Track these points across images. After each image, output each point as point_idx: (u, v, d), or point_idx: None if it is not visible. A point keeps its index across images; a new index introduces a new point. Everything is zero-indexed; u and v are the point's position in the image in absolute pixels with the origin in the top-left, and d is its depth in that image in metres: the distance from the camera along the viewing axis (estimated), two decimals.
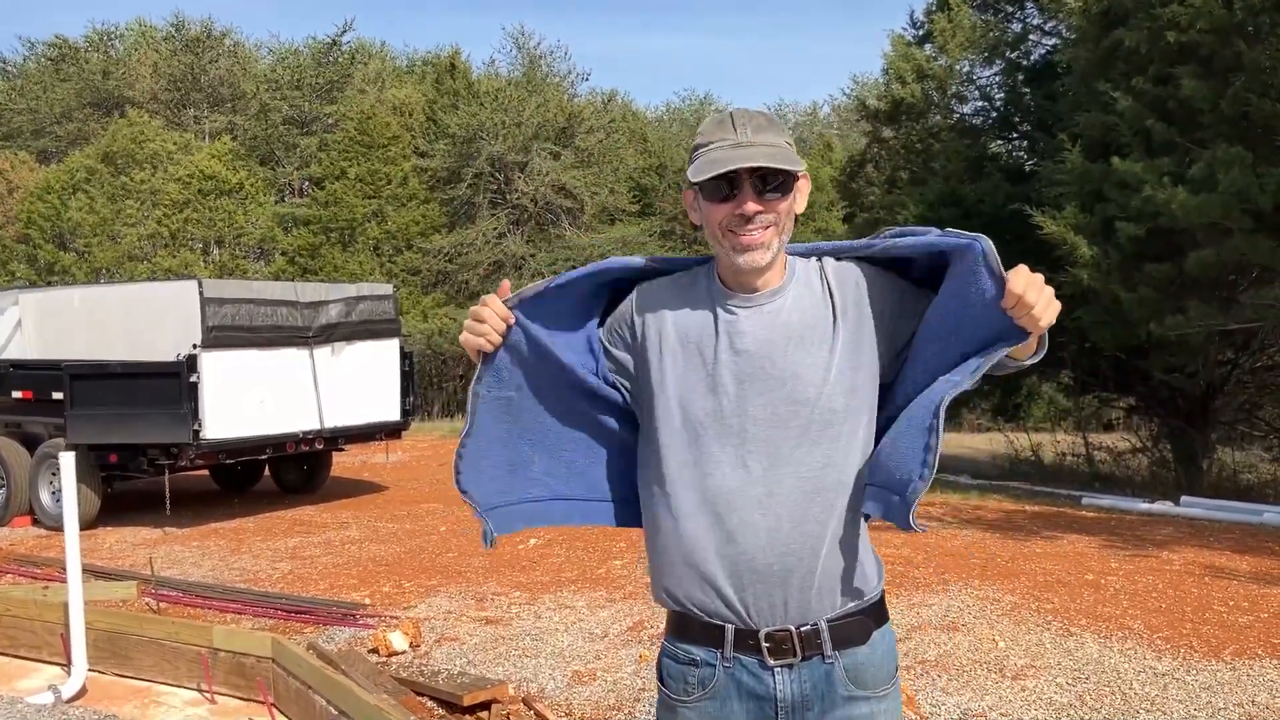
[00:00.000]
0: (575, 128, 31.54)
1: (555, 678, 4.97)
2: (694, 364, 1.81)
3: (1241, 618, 5.63)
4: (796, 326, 1.79)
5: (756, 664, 1.77)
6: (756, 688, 1.78)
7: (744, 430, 1.77)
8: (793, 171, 1.74)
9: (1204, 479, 12.30)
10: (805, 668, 1.77)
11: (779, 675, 1.77)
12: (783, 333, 1.78)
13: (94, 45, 40.88)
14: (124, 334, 9.62)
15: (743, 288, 1.82)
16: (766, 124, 1.77)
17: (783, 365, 1.77)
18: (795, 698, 1.78)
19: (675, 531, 1.81)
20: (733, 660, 1.78)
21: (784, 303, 1.81)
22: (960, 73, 16.38)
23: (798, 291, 1.82)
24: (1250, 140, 9.98)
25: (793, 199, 1.79)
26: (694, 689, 1.82)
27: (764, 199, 1.74)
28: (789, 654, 1.76)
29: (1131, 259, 10.85)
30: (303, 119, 36.22)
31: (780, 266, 1.83)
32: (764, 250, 1.76)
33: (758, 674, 1.78)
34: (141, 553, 8.43)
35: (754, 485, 1.76)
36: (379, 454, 14.32)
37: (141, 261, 29.09)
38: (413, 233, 29.38)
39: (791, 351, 1.77)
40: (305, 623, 6.10)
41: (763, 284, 1.81)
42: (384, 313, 10.75)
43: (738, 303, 1.81)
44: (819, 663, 1.77)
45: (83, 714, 4.76)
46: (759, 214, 1.74)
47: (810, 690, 1.78)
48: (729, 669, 1.79)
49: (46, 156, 37.29)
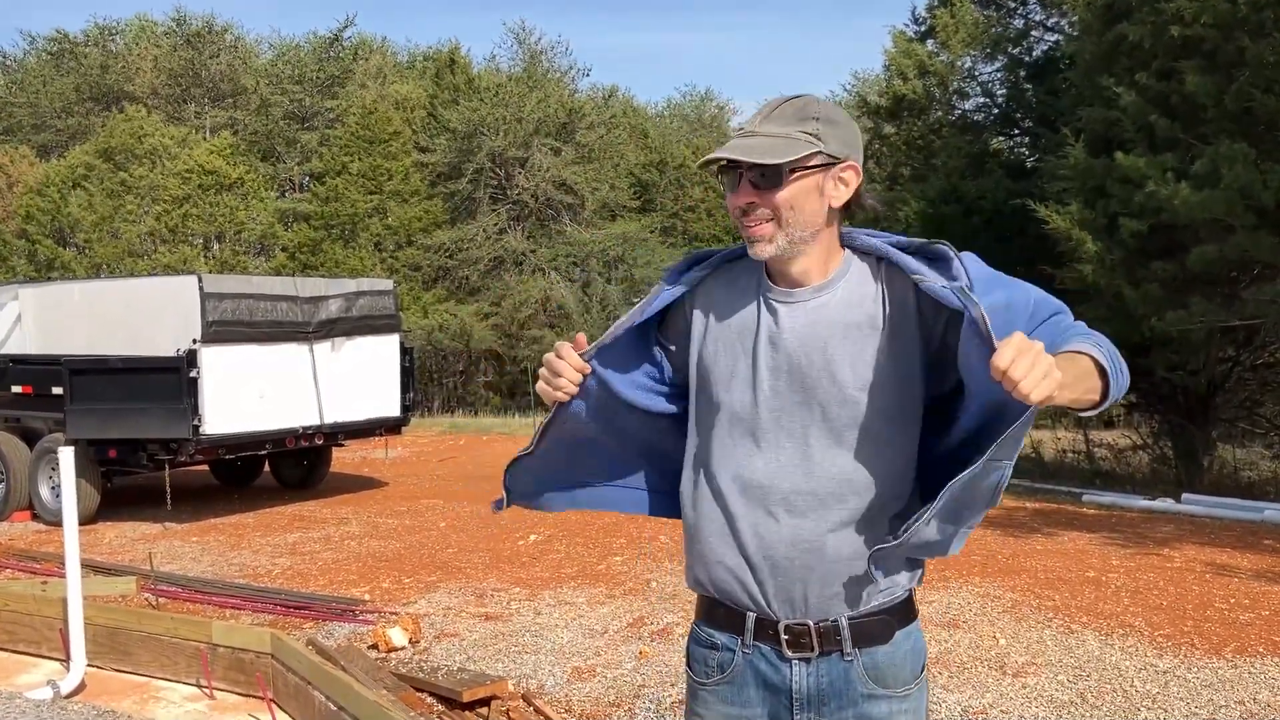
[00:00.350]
0: (576, 123, 31.50)
1: (555, 674, 4.96)
2: (735, 356, 1.80)
3: (1243, 615, 5.62)
4: (839, 325, 1.74)
5: (774, 654, 1.78)
6: (773, 677, 1.78)
7: (777, 425, 1.76)
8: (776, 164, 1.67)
9: (1205, 476, 12.29)
10: (824, 663, 1.76)
11: (796, 668, 1.77)
12: (824, 330, 1.74)
13: (94, 40, 40.81)
14: (124, 329, 9.60)
15: (785, 280, 1.78)
16: (788, 112, 1.72)
17: (820, 363, 1.74)
18: (811, 692, 1.77)
19: (706, 519, 1.82)
20: (752, 648, 1.79)
21: (830, 298, 1.76)
22: (962, 69, 16.36)
23: (848, 289, 1.77)
24: (1254, 136, 9.95)
25: (792, 191, 1.69)
26: (714, 672, 1.84)
27: (757, 190, 1.70)
28: (807, 648, 1.76)
29: (1135, 255, 10.83)
30: (303, 114, 36.17)
31: (821, 261, 1.76)
32: (765, 243, 1.71)
33: (775, 664, 1.78)
34: (141, 548, 8.42)
35: (783, 480, 1.74)
36: (379, 450, 14.32)
37: (142, 257, 29.06)
38: (414, 228, 29.35)
39: (831, 350, 1.74)
40: (305, 618, 6.09)
41: (803, 278, 1.76)
42: (384, 308, 10.74)
43: (779, 297, 1.78)
44: (838, 659, 1.76)
45: (82, 709, 4.74)
46: (751, 205, 1.71)
47: (827, 686, 1.77)
48: (748, 655, 1.80)
49: (46, 151, 37.24)
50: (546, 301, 29.08)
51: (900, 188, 16.38)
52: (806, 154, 1.68)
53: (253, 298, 9.47)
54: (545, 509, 2.08)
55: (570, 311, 28.94)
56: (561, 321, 29.22)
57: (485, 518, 9.23)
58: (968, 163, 15.24)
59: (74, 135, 37.20)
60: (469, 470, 13.16)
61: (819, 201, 1.72)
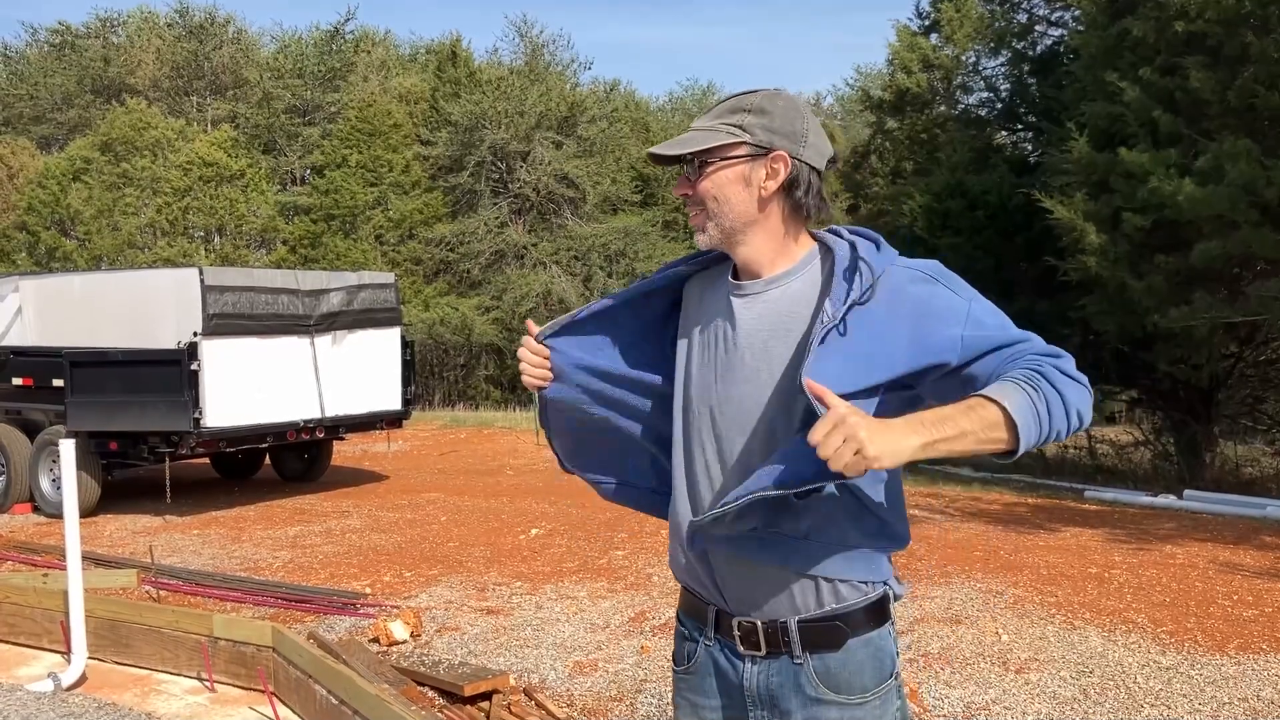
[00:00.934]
0: (577, 117, 31.45)
1: (556, 668, 4.95)
2: (702, 351, 1.82)
3: (1246, 612, 5.61)
4: (783, 319, 1.72)
5: (730, 650, 1.79)
6: (730, 672, 1.80)
7: (725, 419, 1.76)
8: (691, 153, 1.70)
9: (1206, 472, 12.29)
10: (774, 663, 1.75)
11: (747, 665, 1.77)
12: (769, 324, 1.73)
13: (95, 33, 40.74)
14: (125, 321, 9.59)
15: (743, 273, 1.79)
16: (724, 106, 1.75)
17: (761, 357, 1.72)
18: (761, 690, 1.76)
19: (674, 512, 1.86)
20: (714, 641, 1.82)
21: (779, 293, 1.74)
22: (966, 63, 16.33)
23: (801, 284, 1.74)
24: (1257, 132, 9.94)
25: (714, 181, 1.71)
26: (683, 660, 1.89)
27: (689, 182, 1.74)
28: (755, 646, 1.76)
29: (1138, 249, 10.82)
30: (305, 108, 36.12)
31: (769, 253, 1.75)
32: (700, 233, 1.76)
33: (731, 660, 1.80)
34: (141, 541, 8.41)
35: (731, 476, 1.74)
36: (380, 443, 14.31)
37: (142, 250, 29.03)
38: (415, 221, 29.32)
39: (773, 344, 1.72)
40: (306, 612, 6.08)
41: (753, 269, 1.77)
42: (385, 301, 10.72)
43: (735, 290, 1.79)
44: (788, 661, 1.74)
45: (83, 702, 4.73)
46: (685, 196, 1.75)
47: (778, 687, 1.75)
48: (709, 648, 1.83)
49: (47, 143, 37.21)
50: (547, 295, 29.06)
51: (904, 182, 16.36)
52: (722, 144, 1.70)
53: (254, 291, 9.46)
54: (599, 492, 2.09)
55: (571, 306, 28.92)
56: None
57: (486, 511, 9.22)
58: (971, 157, 15.21)
59: (74, 128, 37.17)
60: (470, 464, 13.15)
61: (745, 191, 1.71)
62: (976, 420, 1.51)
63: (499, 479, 11.73)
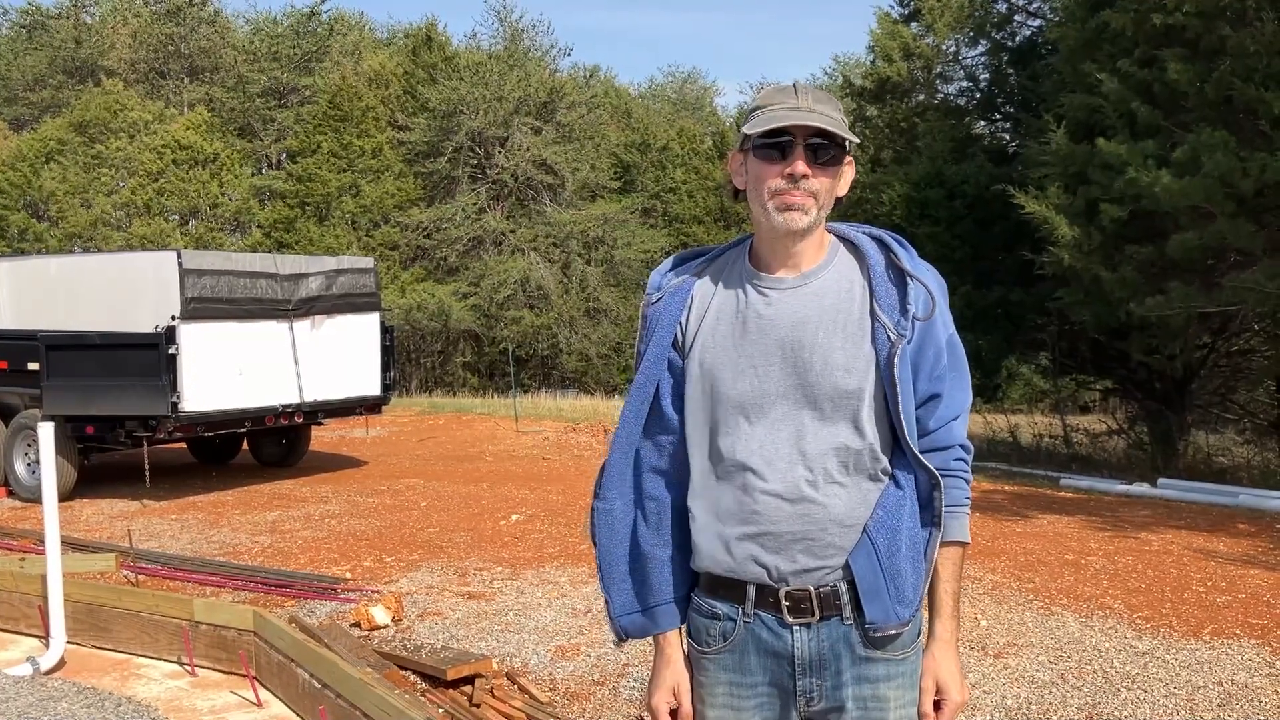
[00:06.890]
0: (557, 103, 31.34)
1: (539, 653, 4.96)
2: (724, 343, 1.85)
3: (1219, 598, 5.69)
4: (829, 310, 1.82)
5: (776, 621, 1.83)
6: (775, 644, 1.84)
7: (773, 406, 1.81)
8: (844, 144, 1.78)
9: (1179, 461, 12.41)
10: (824, 627, 1.82)
11: (797, 634, 1.82)
12: (815, 314, 1.82)
13: (67, 13, 40.21)
14: (102, 304, 9.50)
15: (777, 263, 1.85)
16: (826, 97, 1.81)
17: (810, 345, 1.80)
18: (812, 656, 1.83)
19: (703, 496, 1.87)
20: (753, 616, 1.85)
21: (820, 284, 1.84)
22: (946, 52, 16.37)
23: (836, 275, 1.85)
24: (1234, 124, 10.03)
25: (839, 176, 1.82)
26: (715, 641, 1.89)
27: (814, 165, 1.78)
28: (807, 614, 1.81)
29: (1113, 240, 10.90)
30: (280, 91, 35.81)
31: (818, 246, 1.87)
32: (802, 214, 1.79)
33: (777, 631, 1.83)
34: (119, 525, 8.36)
35: (779, 459, 1.80)
36: (358, 428, 14.26)
37: (116, 229, 28.71)
38: (388, 206, 29.10)
39: (821, 334, 1.80)
40: (286, 596, 6.07)
41: (794, 262, 1.84)
42: (364, 286, 10.67)
43: (768, 283, 1.85)
44: (838, 623, 1.82)
45: (62, 685, 4.71)
46: (805, 178, 1.77)
47: (828, 649, 1.82)
48: (749, 624, 1.85)
49: (19, 124, 36.72)
50: (526, 282, 28.98)
51: (883, 170, 16.40)
52: (853, 141, 1.83)
53: (232, 274, 9.39)
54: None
55: (549, 292, 28.86)
56: (540, 302, 29.12)
57: (466, 497, 9.21)
58: (950, 147, 15.27)
59: (46, 109, 36.71)
60: (449, 450, 13.13)
61: (843, 187, 1.86)
62: (959, 571, 1.96)
63: (478, 464, 11.72)
